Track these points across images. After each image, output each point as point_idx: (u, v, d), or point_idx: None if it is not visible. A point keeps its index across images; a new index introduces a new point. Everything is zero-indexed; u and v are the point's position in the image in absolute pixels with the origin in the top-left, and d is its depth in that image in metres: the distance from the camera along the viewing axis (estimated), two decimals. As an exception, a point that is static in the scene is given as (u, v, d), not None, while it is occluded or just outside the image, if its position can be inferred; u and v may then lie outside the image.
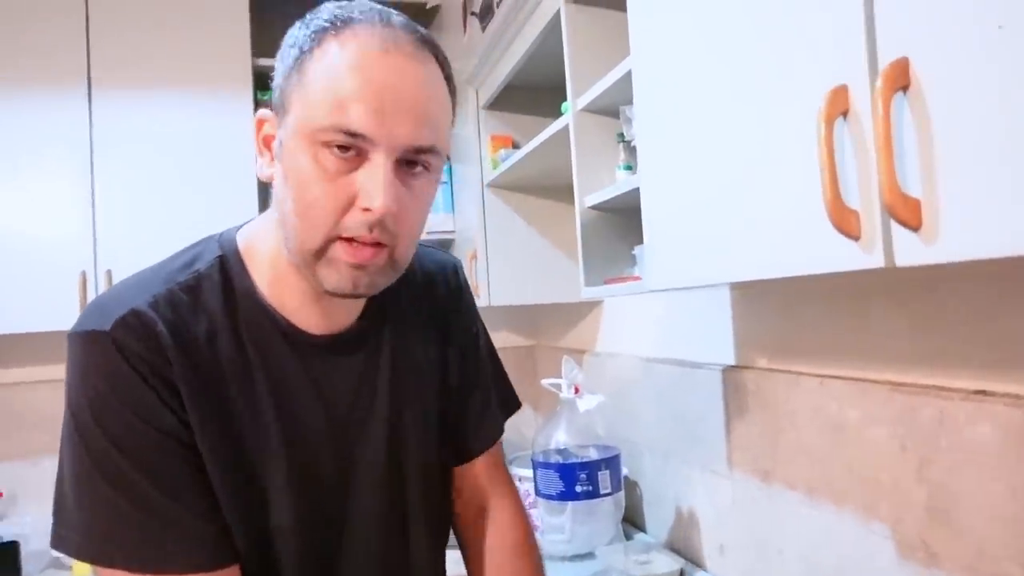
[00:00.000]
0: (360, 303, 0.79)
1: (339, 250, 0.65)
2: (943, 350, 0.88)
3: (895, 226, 0.54)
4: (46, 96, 1.97)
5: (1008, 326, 0.80)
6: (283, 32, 0.71)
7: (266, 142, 0.70)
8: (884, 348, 0.97)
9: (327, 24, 0.65)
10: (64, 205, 1.98)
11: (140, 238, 1.99)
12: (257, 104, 2.18)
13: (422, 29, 0.70)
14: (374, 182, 0.63)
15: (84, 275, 1.96)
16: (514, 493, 0.96)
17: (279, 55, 0.69)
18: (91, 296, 1.96)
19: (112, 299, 0.69)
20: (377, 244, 0.66)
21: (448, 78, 0.71)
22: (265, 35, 2.32)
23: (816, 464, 1.08)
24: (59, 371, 2.39)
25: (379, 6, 0.69)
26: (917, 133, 0.52)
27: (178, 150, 2.07)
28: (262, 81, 2.25)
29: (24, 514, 2.12)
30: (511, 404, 0.97)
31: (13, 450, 2.15)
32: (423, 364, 0.84)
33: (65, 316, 1.93)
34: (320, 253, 0.66)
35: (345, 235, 0.65)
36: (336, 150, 0.63)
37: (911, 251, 0.53)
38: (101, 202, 1.99)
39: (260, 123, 0.71)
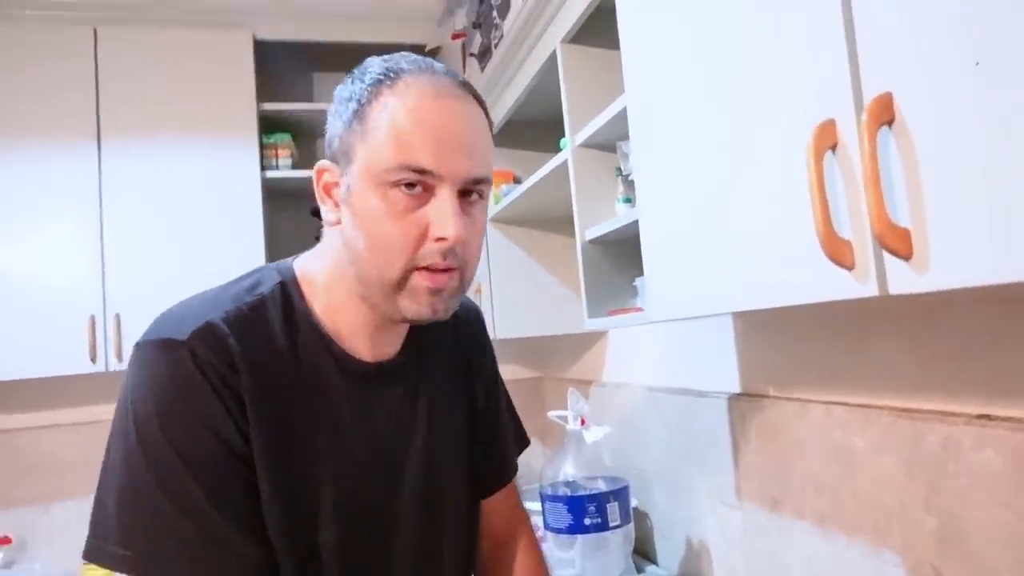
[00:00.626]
0: (403, 336, 0.83)
1: (418, 279, 0.71)
2: (946, 375, 0.89)
3: (887, 256, 0.55)
4: (56, 143, 2.02)
5: (1009, 350, 0.80)
6: (288, 77, 0.75)
7: (327, 190, 0.75)
8: (888, 374, 0.98)
9: (381, 76, 0.71)
10: (73, 250, 2.02)
11: (149, 282, 2.02)
12: (263, 148, 2.22)
13: (460, 75, 0.77)
14: (444, 213, 0.69)
15: (93, 319, 1.98)
16: (531, 530, 1.01)
17: (333, 110, 0.74)
18: (100, 340, 1.98)
19: (184, 312, 0.71)
20: (449, 269, 0.72)
21: (486, 114, 0.77)
22: (269, 81, 2.37)
23: (825, 492, 1.08)
24: (70, 415, 2.41)
25: (420, 57, 0.76)
26: (903, 165, 0.53)
27: (186, 195, 2.11)
28: (267, 125, 2.30)
29: (34, 560, 2.11)
30: (523, 441, 1.03)
31: (24, 496, 2.15)
32: (454, 398, 0.89)
33: (75, 361, 1.97)
34: (400, 284, 0.71)
35: (422, 264, 0.71)
36: (404, 188, 0.69)
37: (903, 280, 0.54)
38: (110, 246, 2.03)
39: (320, 173, 0.75)
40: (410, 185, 0.69)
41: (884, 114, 0.54)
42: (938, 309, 0.89)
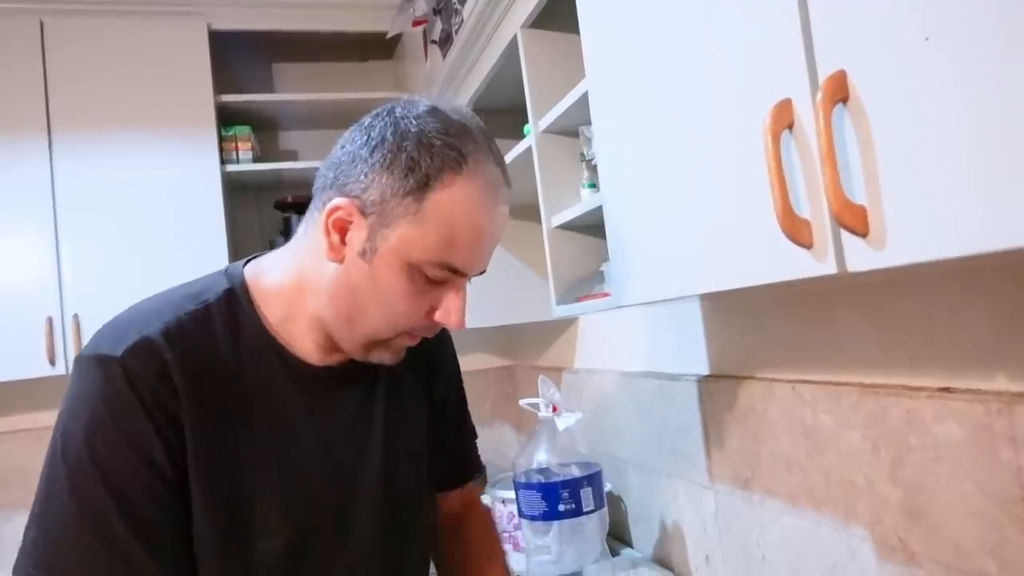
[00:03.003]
0: None
1: (403, 339, 0.75)
2: (908, 350, 0.90)
3: (844, 233, 0.55)
4: (5, 145, 1.95)
5: (968, 323, 0.81)
6: (246, 68, 0.72)
7: (338, 226, 0.71)
8: (853, 351, 0.99)
9: (452, 161, 0.68)
10: (27, 250, 1.95)
11: (108, 281, 1.97)
12: (222, 141, 2.18)
13: (500, 153, 0.76)
14: (456, 304, 0.73)
15: (50, 321, 1.93)
16: (482, 504, 1.06)
17: (384, 157, 0.69)
18: (58, 342, 1.93)
19: (124, 325, 0.70)
20: None
21: None
22: (226, 72, 2.32)
23: (794, 470, 1.09)
24: (30, 420, 2.34)
25: (478, 125, 0.73)
26: (859, 143, 0.53)
27: (143, 190, 2.05)
28: (226, 118, 2.25)
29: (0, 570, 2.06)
30: (474, 435, 1.06)
31: (-15, 505, 2.09)
32: (415, 396, 0.89)
33: (32, 364, 1.91)
34: (384, 342, 0.75)
35: (411, 330, 0.74)
36: (428, 276, 0.71)
37: (861, 257, 0.54)
38: (66, 245, 1.97)
39: (335, 209, 0.70)
40: (436, 278, 0.71)
41: (838, 92, 0.54)
42: (901, 285, 0.90)
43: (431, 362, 0.93)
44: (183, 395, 0.68)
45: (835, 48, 0.55)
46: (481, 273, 0.76)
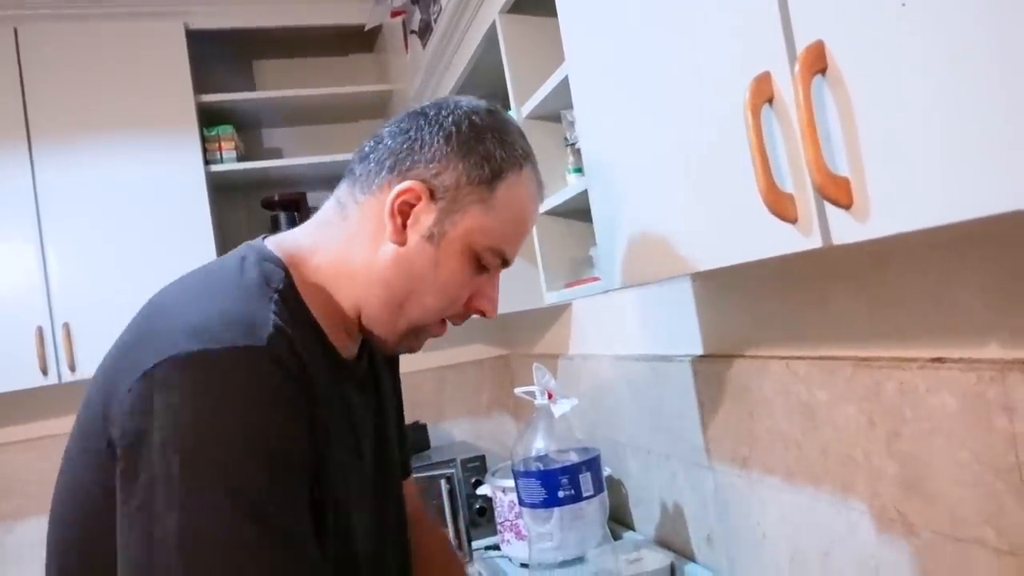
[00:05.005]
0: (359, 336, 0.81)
1: (435, 328, 0.78)
2: (899, 321, 0.89)
3: (828, 206, 0.54)
4: (-15, 154, 1.93)
5: (957, 293, 0.81)
6: (226, 67, 0.71)
7: (403, 209, 0.72)
8: (846, 325, 0.98)
9: (521, 155, 0.75)
10: (13, 261, 1.94)
11: (97, 287, 1.95)
12: (205, 141, 2.15)
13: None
14: (493, 293, 0.78)
15: (40, 330, 1.91)
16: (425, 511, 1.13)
17: (462, 146, 0.72)
18: (49, 352, 1.91)
19: (229, 313, 0.63)
20: None
21: None
22: (206, 72, 2.30)
23: (791, 446, 1.09)
24: (25, 432, 2.32)
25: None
26: (839, 113, 0.52)
27: (128, 194, 2.03)
28: (208, 118, 2.23)
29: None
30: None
31: (-18, 516, 2.08)
32: (390, 388, 0.93)
33: (24, 375, 1.90)
34: (420, 328, 0.77)
35: (451, 318, 0.78)
36: (482, 262, 0.75)
37: (846, 230, 0.54)
38: (52, 253, 1.95)
39: (405, 191, 0.72)
40: (487, 265, 0.75)
41: (817, 63, 0.53)
42: (890, 257, 0.90)
43: (390, 360, 0.95)
44: (312, 381, 0.65)
45: (812, 18, 0.54)
46: (510, 266, 0.80)
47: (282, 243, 0.77)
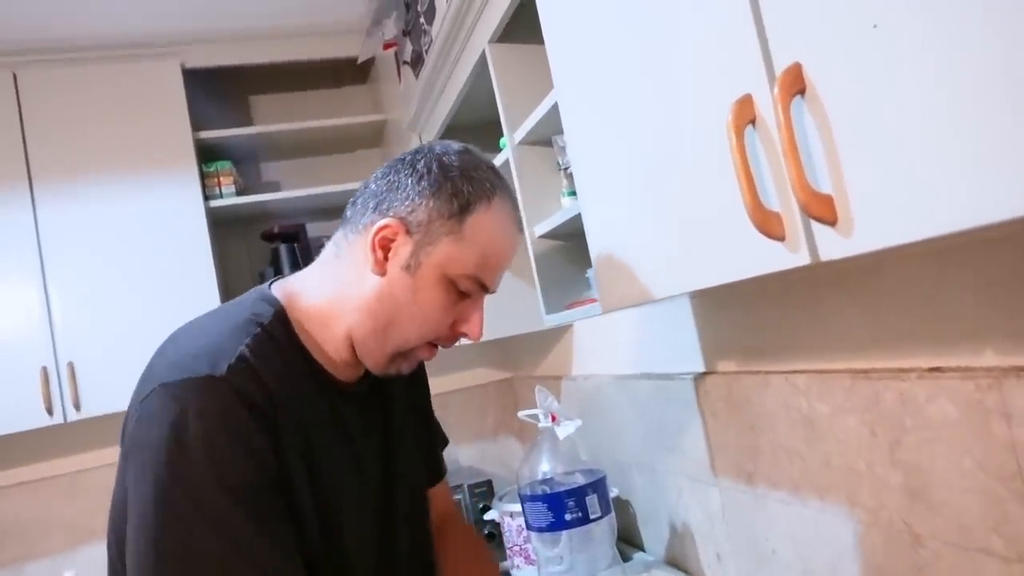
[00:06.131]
0: None
1: (422, 351, 0.84)
2: (896, 332, 0.90)
3: (814, 223, 0.55)
4: (-13, 199, 1.95)
5: (952, 302, 0.82)
6: (222, 103, 0.75)
7: (383, 244, 0.80)
8: (843, 337, 0.99)
9: (488, 189, 0.81)
10: (16, 301, 1.95)
11: (100, 325, 1.97)
12: (204, 177, 2.18)
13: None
14: (476, 317, 0.83)
15: (45, 371, 1.92)
16: (460, 513, 1.17)
17: (431, 185, 0.80)
18: (55, 391, 1.92)
19: (206, 350, 0.73)
20: None
21: None
22: (203, 109, 2.33)
23: (795, 461, 1.09)
24: (32, 472, 2.32)
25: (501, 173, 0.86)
26: (819, 133, 0.53)
27: (129, 233, 2.05)
28: (207, 154, 2.26)
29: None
30: (445, 441, 1.13)
31: (-9, 560, 2.08)
32: (405, 406, 0.97)
33: (30, 415, 1.90)
34: (408, 352, 0.83)
35: (437, 341, 0.84)
36: (460, 289, 0.80)
37: (832, 246, 0.55)
38: (55, 293, 1.97)
39: (383, 228, 0.80)
40: (466, 291, 0.81)
41: (795, 84, 0.54)
42: (884, 268, 0.90)
43: (411, 376, 0.99)
44: (277, 406, 0.74)
45: (788, 41, 0.56)
46: (493, 292, 0.84)
47: (284, 284, 0.87)
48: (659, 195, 0.78)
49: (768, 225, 0.59)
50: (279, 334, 0.79)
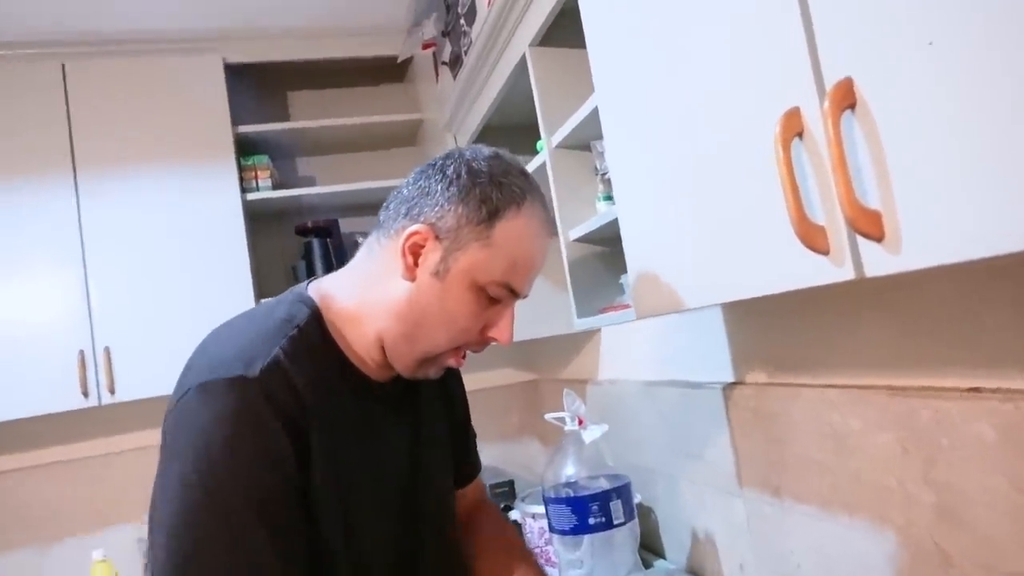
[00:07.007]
0: None
1: (449, 357, 0.84)
2: (935, 350, 0.89)
3: (860, 239, 0.55)
4: (31, 181, 2.01)
5: (993, 322, 0.81)
6: (261, 98, 0.76)
7: (413, 250, 0.81)
8: (879, 353, 0.98)
9: (517, 195, 0.81)
10: (57, 286, 2.00)
11: (137, 312, 2.01)
12: (242, 171, 2.22)
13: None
14: (507, 322, 0.83)
15: (82, 354, 1.97)
16: (495, 507, 1.17)
17: (460, 191, 0.80)
18: (91, 375, 1.96)
19: (244, 348, 0.75)
20: None
21: None
22: (242, 103, 2.37)
23: (824, 475, 1.08)
24: (65, 453, 2.38)
25: (533, 177, 0.86)
26: (869, 148, 0.53)
27: (167, 223, 2.10)
28: (244, 147, 2.29)
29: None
30: (473, 435, 1.15)
31: (22, 539, 2.12)
32: (436, 409, 0.98)
33: (66, 397, 1.95)
34: (437, 357, 0.83)
35: (466, 346, 0.84)
36: (490, 295, 0.80)
37: (878, 262, 0.54)
38: (95, 279, 2.01)
39: (413, 234, 0.81)
40: (496, 297, 0.81)
41: (846, 99, 0.54)
42: (924, 284, 0.89)
43: (443, 381, 0.99)
44: (309, 410, 0.75)
45: (840, 56, 0.56)
46: (524, 297, 0.84)
47: (320, 285, 0.88)
48: (699, 204, 0.78)
49: (812, 238, 0.59)
50: (314, 335, 0.81)
